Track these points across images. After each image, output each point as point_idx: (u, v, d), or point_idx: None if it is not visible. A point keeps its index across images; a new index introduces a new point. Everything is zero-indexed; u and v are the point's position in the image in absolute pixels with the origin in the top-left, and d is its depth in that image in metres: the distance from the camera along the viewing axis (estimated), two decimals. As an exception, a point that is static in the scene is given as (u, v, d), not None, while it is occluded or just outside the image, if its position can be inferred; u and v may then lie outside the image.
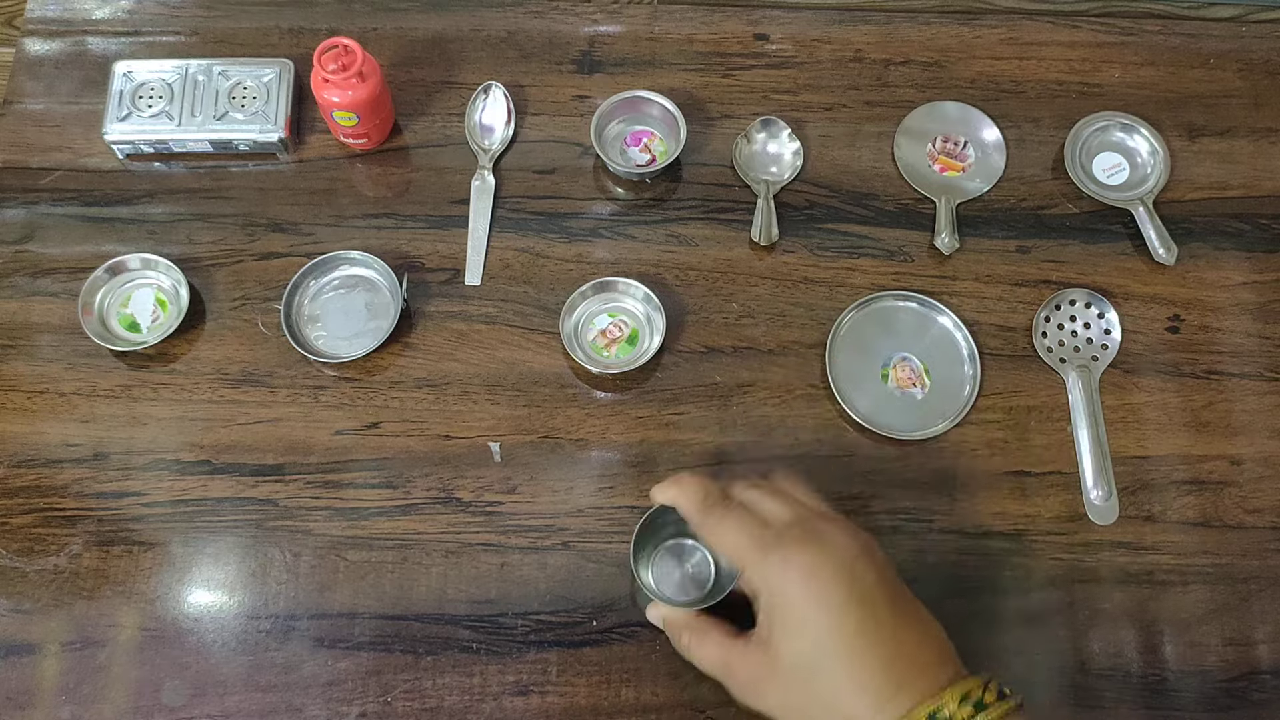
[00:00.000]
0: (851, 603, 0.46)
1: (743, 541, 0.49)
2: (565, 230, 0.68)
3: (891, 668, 0.45)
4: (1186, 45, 0.75)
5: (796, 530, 0.49)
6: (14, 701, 0.56)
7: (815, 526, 0.49)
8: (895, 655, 0.46)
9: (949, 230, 0.67)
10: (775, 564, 0.48)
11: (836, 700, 0.46)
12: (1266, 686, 0.58)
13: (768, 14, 0.75)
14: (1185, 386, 0.65)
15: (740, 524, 0.50)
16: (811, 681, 0.46)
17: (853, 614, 0.46)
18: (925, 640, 0.47)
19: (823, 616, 0.46)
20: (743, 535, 0.49)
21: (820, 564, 0.47)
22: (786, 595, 0.47)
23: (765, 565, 0.48)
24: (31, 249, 0.67)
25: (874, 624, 0.46)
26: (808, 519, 0.50)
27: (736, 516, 0.50)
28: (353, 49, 0.64)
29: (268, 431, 0.62)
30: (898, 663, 0.46)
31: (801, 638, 0.47)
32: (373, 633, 0.58)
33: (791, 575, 0.47)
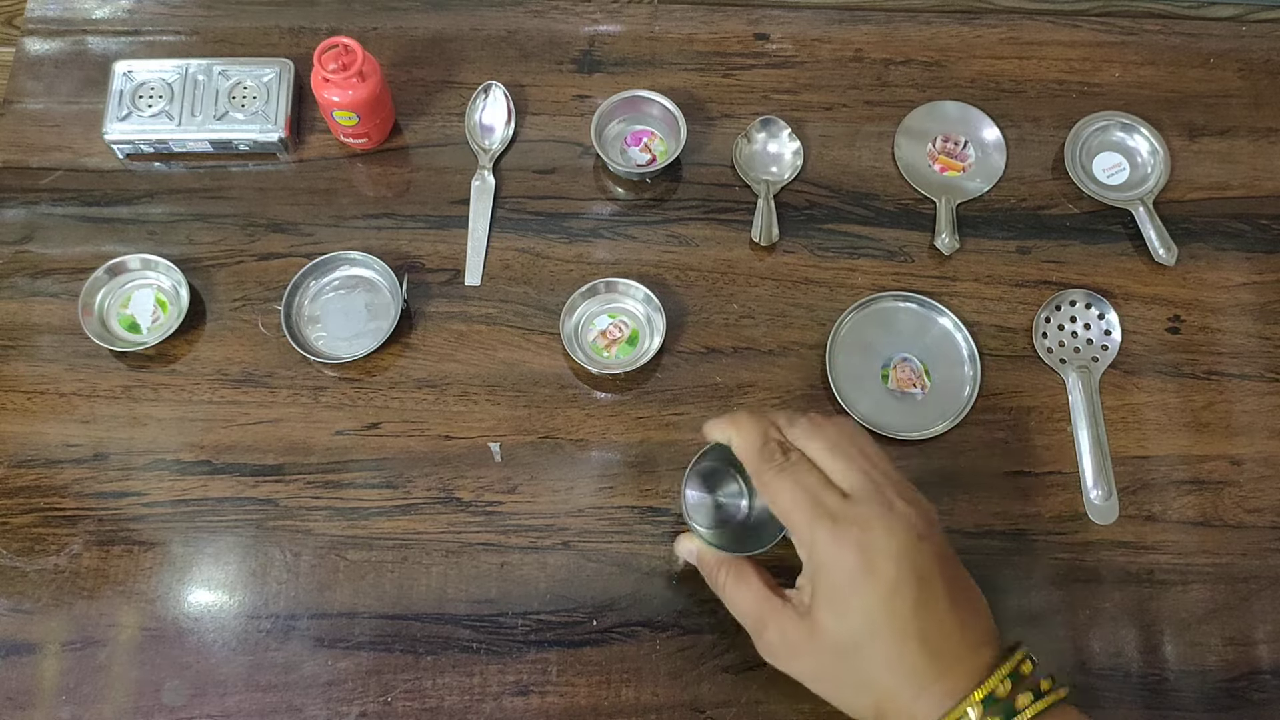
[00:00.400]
0: (906, 585, 0.44)
1: (801, 505, 0.46)
2: (565, 230, 0.68)
3: (938, 652, 0.44)
4: (1187, 45, 0.75)
5: (861, 502, 0.46)
6: (14, 701, 0.56)
7: (882, 498, 0.46)
8: (942, 640, 0.44)
9: (949, 230, 0.67)
10: (831, 538, 0.45)
11: (876, 680, 0.45)
12: (1266, 686, 0.58)
13: (768, 13, 0.75)
14: (1185, 387, 0.65)
15: (800, 484, 0.47)
16: (851, 659, 0.45)
17: (906, 597, 0.44)
18: (973, 623, 0.46)
19: (873, 598, 0.44)
20: (801, 499, 0.46)
21: (880, 546, 0.45)
22: (838, 572, 0.45)
23: (820, 536, 0.45)
24: (31, 249, 0.67)
25: (926, 608, 0.44)
26: (874, 490, 0.47)
27: (796, 474, 0.47)
28: (353, 48, 0.64)
29: (268, 432, 0.62)
30: (944, 647, 0.44)
31: (848, 616, 0.45)
32: (373, 632, 0.58)
33: (847, 554, 0.45)
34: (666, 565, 0.59)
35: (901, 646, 0.44)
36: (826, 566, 0.45)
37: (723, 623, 0.58)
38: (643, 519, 0.60)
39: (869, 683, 0.45)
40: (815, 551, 0.46)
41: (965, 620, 0.45)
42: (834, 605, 0.45)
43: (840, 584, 0.45)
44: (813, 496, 0.46)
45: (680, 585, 0.59)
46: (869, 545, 0.45)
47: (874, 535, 0.45)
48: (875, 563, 0.45)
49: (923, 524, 0.46)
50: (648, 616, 0.58)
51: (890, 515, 0.46)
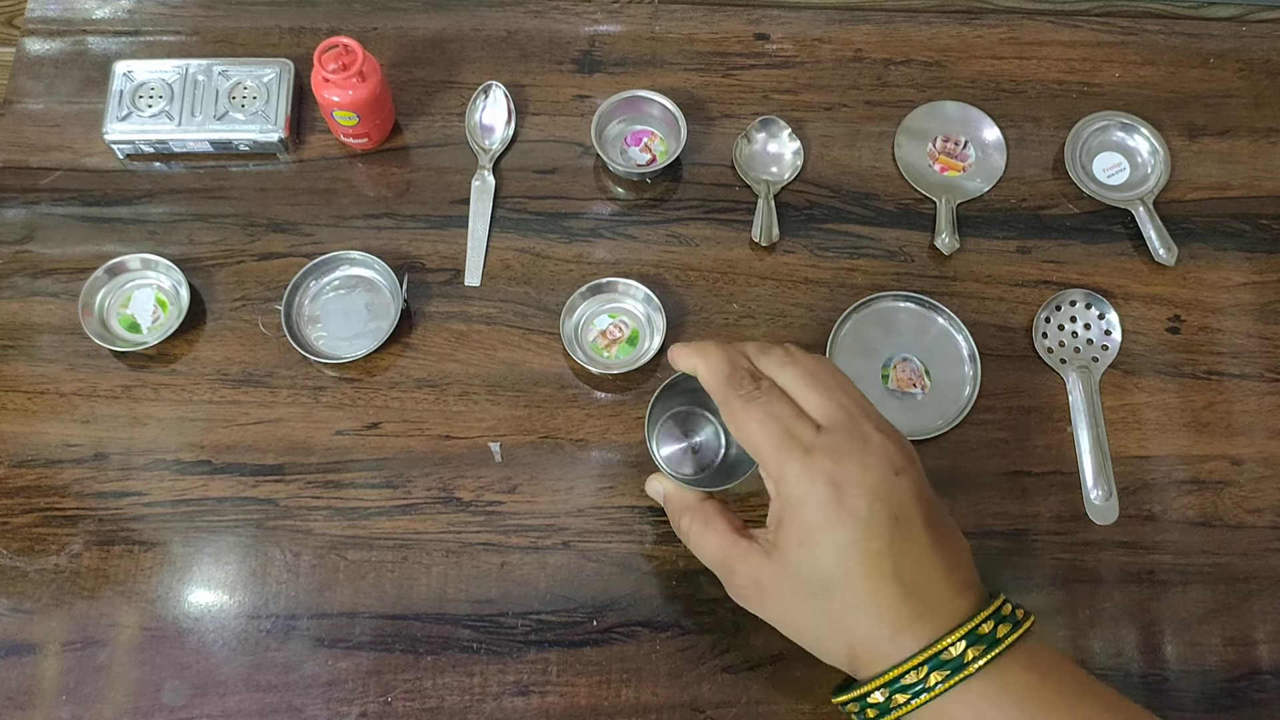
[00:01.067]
0: (881, 520, 0.42)
1: (771, 436, 0.43)
2: (565, 230, 0.68)
3: (916, 594, 0.42)
4: (1187, 45, 0.75)
5: (835, 434, 0.43)
6: (14, 701, 0.56)
7: (857, 430, 0.43)
8: (921, 581, 0.42)
9: (949, 230, 0.67)
10: (802, 471, 0.42)
11: (848, 621, 0.43)
12: (1266, 686, 0.58)
13: (768, 13, 0.75)
14: (1185, 387, 0.65)
15: (770, 415, 0.44)
16: (822, 600, 0.43)
17: (881, 533, 0.42)
18: (953, 566, 0.43)
19: (845, 535, 0.42)
20: (772, 429, 0.43)
21: (854, 479, 0.42)
22: (808, 507, 0.42)
23: (790, 469, 0.43)
24: (31, 249, 0.67)
25: (903, 546, 0.42)
26: (848, 421, 0.44)
27: (766, 404, 0.44)
28: (353, 48, 0.64)
29: (268, 431, 0.62)
30: (924, 589, 0.42)
31: (818, 553, 0.42)
32: (373, 632, 0.58)
33: (819, 487, 0.42)
34: (667, 565, 0.59)
35: (876, 585, 0.42)
36: (796, 501, 0.43)
37: (722, 623, 0.58)
38: (643, 519, 0.60)
39: (842, 625, 0.43)
40: (784, 485, 0.43)
41: (947, 563, 0.43)
42: (804, 542, 0.43)
43: (810, 519, 0.42)
44: (783, 426, 0.43)
45: (680, 585, 0.59)
46: (842, 478, 0.42)
47: (847, 467, 0.42)
48: (848, 497, 0.42)
49: (901, 458, 0.44)
50: (648, 616, 0.58)
51: (865, 448, 0.43)
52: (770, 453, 0.43)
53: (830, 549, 0.42)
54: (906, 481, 0.43)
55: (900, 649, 0.42)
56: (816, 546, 0.43)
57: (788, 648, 0.54)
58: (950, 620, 0.42)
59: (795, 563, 0.43)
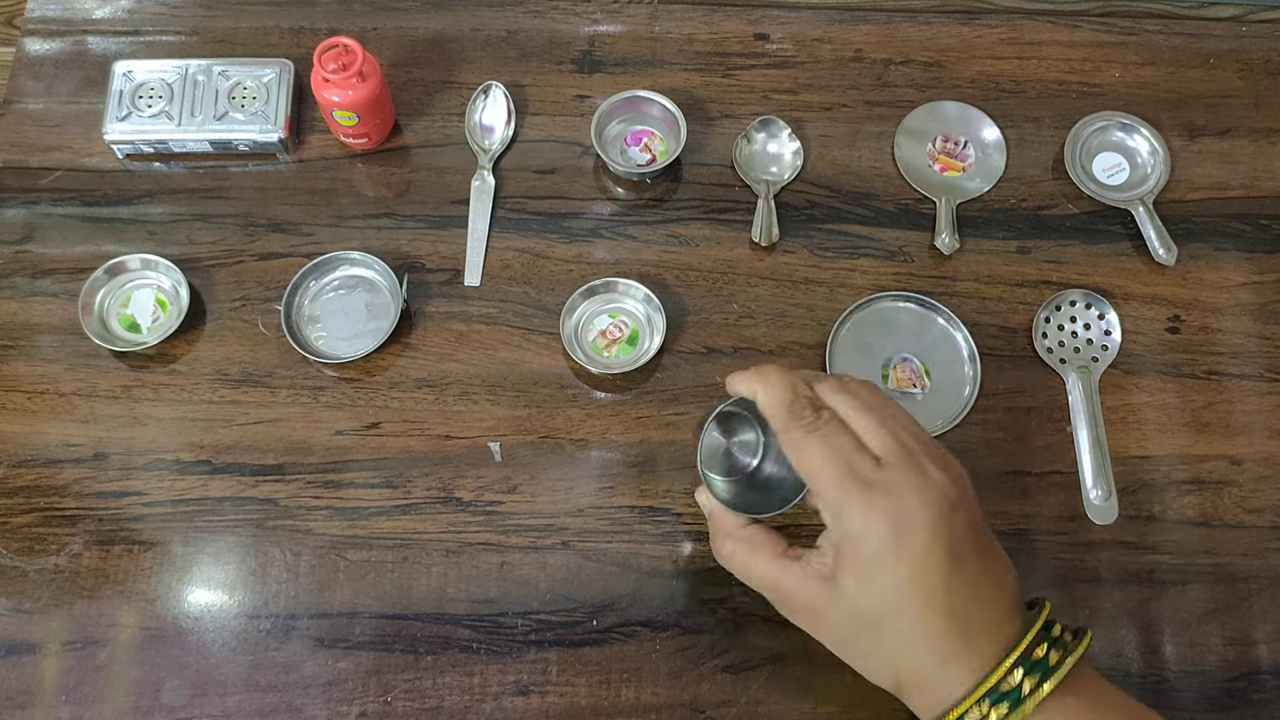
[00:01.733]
0: (937, 558, 0.42)
1: (831, 468, 0.44)
2: (565, 230, 0.68)
3: (966, 626, 0.42)
4: (1187, 45, 0.75)
5: (894, 470, 0.44)
6: (14, 701, 0.56)
7: (916, 464, 0.44)
8: (971, 613, 0.43)
9: (949, 230, 0.67)
10: (863, 505, 0.43)
11: (899, 653, 0.43)
12: (1266, 686, 0.58)
13: (768, 14, 0.75)
14: (1185, 387, 0.65)
15: (831, 446, 0.44)
16: (875, 630, 0.44)
17: (937, 571, 0.42)
18: (1001, 594, 0.44)
19: (902, 571, 0.42)
20: (833, 460, 0.44)
21: (912, 516, 0.43)
22: (867, 541, 0.43)
23: (851, 504, 0.43)
24: (31, 249, 0.67)
25: (956, 581, 0.43)
26: (907, 455, 0.44)
27: (827, 435, 0.45)
28: (353, 48, 0.64)
29: (268, 431, 0.62)
30: (972, 620, 0.43)
31: (874, 587, 0.43)
32: (373, 632, 0.58)
33: (878, 522, 0.43)
34: (666, 565, 0.59)
35: (929, 622, 0.42)
36: (855, 535, 0.43)
37: (723, 623, 0.58)
38: (643, 519, 0.60)
39: (892, 655, 0.44)
40: (844, 518, 0.44)
41: (994, 592, 0.44)
42: (860, 575, 0.43)
43: (868, 553, 0.43)
44: (845, 459, 0.44)
45: (680, 585, 0.59)
46: (901, 515, 0.43)
47: (907, 504, 0.43)
48: (906, 534, 0.43)
49: (956, 492, 0.44)
50: (648, 616, 0.58)
51: (924, 483, 0.43)
52: (830, 485, 0.44)
53: (888, 585, 0.43)
54: (961, 516, 0.44)
55: (948, 680, 0.43)
56: (874, 581, 0.43)
57: (788, 648, 0.54)
58: (1001, 646, 0.43)
59: (851, 595, 0.44)
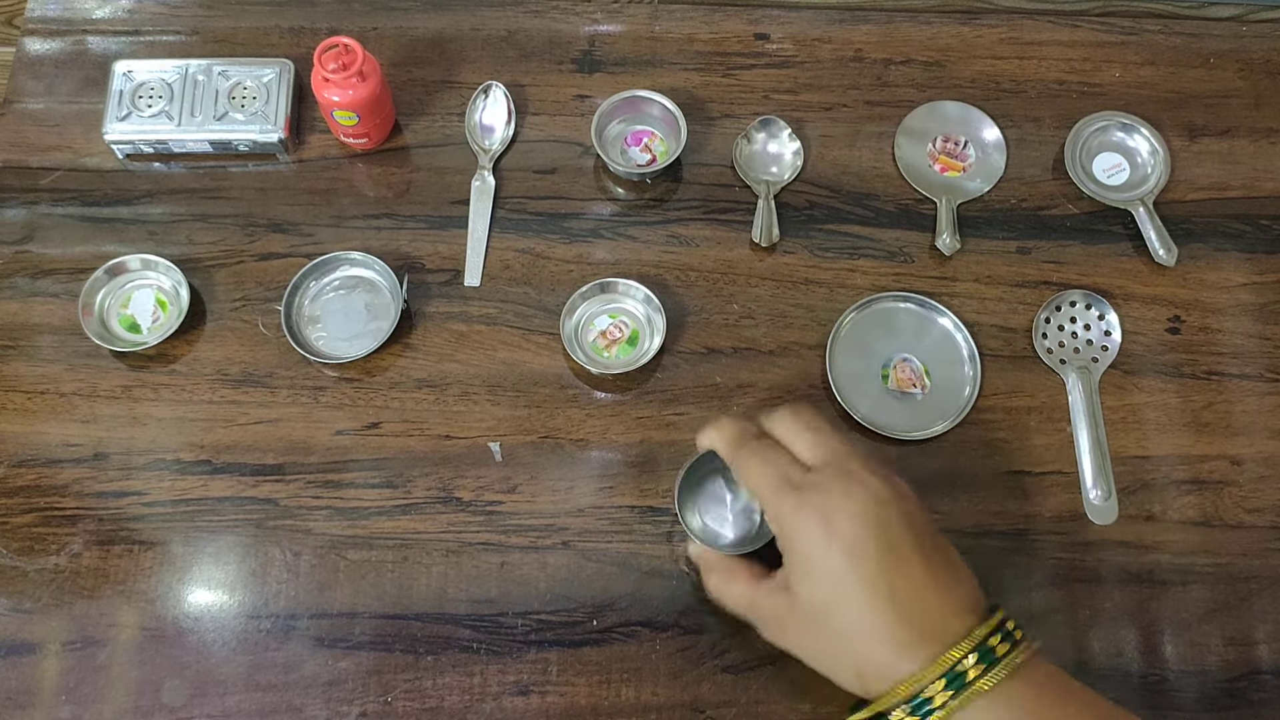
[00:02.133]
0: (867, 543, 0.45)
1: (766, 479, 0.48)
2: (565, 231, 0.68)
3: (913, 615, 0.44)
4: (1187, 45, 0.75)
5: (823, 472, 0.48)
6: (14, 701, 0.56)
7: (844, 468, 0.47)
8: (915, 604, 0.45)
9: (950, 230, 0.67)
10: (794, 506, 0.47)
11: (852, 644, 0.45)
12: (1266, 686, 0.58)
13: (768, 13, 0.75)
14: (1185, 387, 0.65)
15: (765, 461, 0.49)
16: (825, 624, 0.46)
17: (870, 560, 0.45)
18: (949, 587, 0.46)
19: (834, 562, 0.45)
20: (767, 473, 0.48)
21: (838, 509, 0.46)
22: (803, 539, 0.46)
23: (784, 506, 0.47)
24: (31, 249, 0.67)
25: (895, 568, 0.45)
26: (835, 460, 0.48)
27: (764, 453, 0.49)
28: (353, 48, 0.64)
29: (268, 431, 0.62)
30: (920, 611, 0.45)
31: (816, 580, 0.46)
32: (373, 632, 0.58)
33: (807, 519, 0.46)
34: (666, 565, 0.59)
35: (871, 607, 0.44)
36: (792, 535, 0.47)
37: (723, 623, 0.58)
38: (643, 519, 0.60)
39: (846, 649, 0.46)
40: (782, 523, 0.47)
41: (942, 585, 0.46)
42: (803, 573, 0.47)
43: (805, 550, 0.46)
44: (778, 470, 0.48)
45: (680, 585, 0.59)
46: (828, 508, 0.46)
47: (832, 498, 0.46)
48: (835, 525, 0.45)
49: (888, 491, 0.47)
50: (648, 616, 0.58)
51: (850, 482, 0.47)
52: (768, 494, 0.48)
53: (825, 576, 0.46)
54: (891, 510, 0.46)
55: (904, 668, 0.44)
56: (816, 574, 0.46)
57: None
58: (955, 637, 0.44)
59: (802, 594, 0.47)
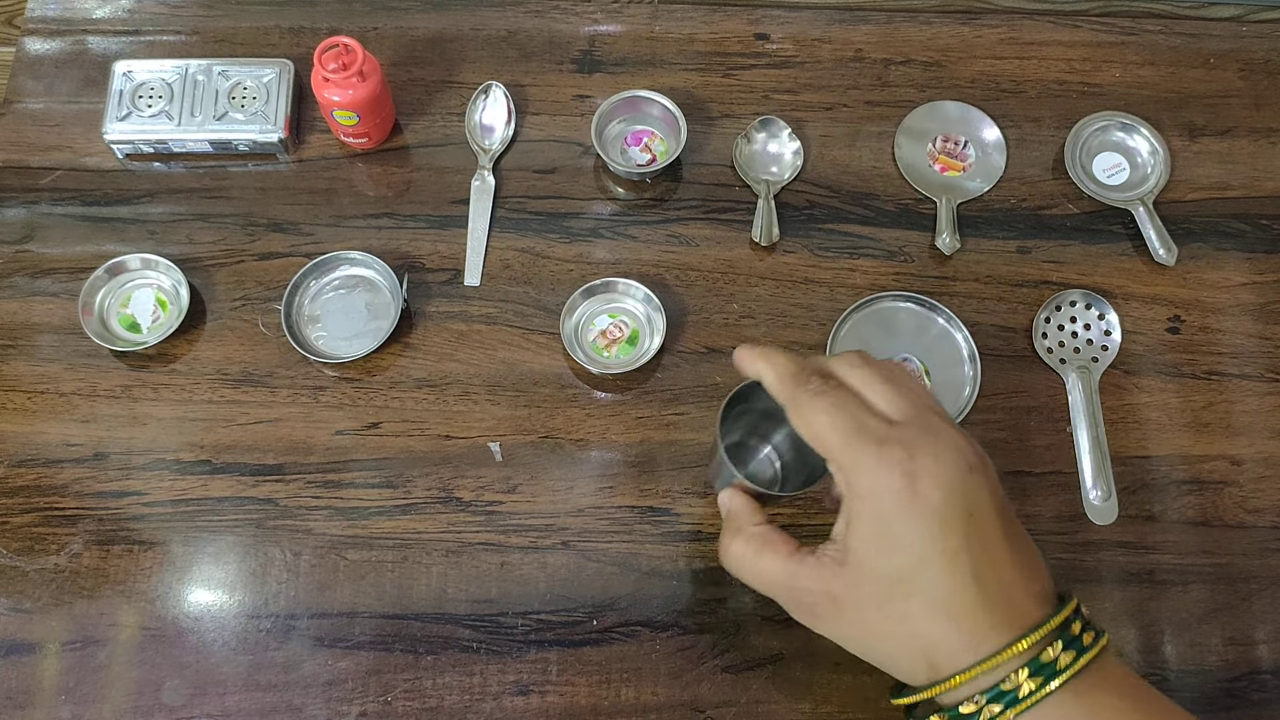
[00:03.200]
0: (955, 515, 0.40)
1: (840, 426, 0.41)
2: (565, 230, 0.68)
3: (993, 600, 0.40)
4: (1187, 45, 0.75)
5: (908, 426, 0.41)
6: (14, 701, 0.56)
7: (931, 424, 0.41)
8: (998, 587, 0.40)
9: (950, 230, 0.67)
10: (875, 460, 0.40)
11: (927, 626, 0.40)
12: (1266, 686, 0.58)
13: (768, 13, 0.75)
14: (1185, 387, 0.65)
15: (839, 405, 0.42)
16: (898, 603, 0.40)
17: (956, 529, 0.40)
18: (1030, 575, 0.41)
19: (923, 529, 0.39)
20: (841, 418, 0.41)
21: (929, 469, 0.40)
22: (882, 500, 0.40)
23: (863, 459, 0.40)
24: (31, 249, 0.67)
25: (979, 544, 0.40)
26: (920, 415, 0.42)
27: (836, 396, 0.42)
28: (353, 48, 0.64)
29: (268, 431, 0.62)
30: (1000, 596, 0.40)
31: (893, 548, 0.40)
32: (373, 632, 0.58)
33: (893, 477, 0.40)
34: (666, 565, 0.59)
35: (954, 585, 0.39)
36: (869, 493, 0.41)
37: (722, 622, 0.58)
38: (643, 519, 0.60)
39: (919, 631, 0.40)
40: (856, 476, 0.41)
41: (1024, 572, 0.41)
42: (878, 538, 0.41)
43: (885, 512, 0.40)
44: (853, 417, 0.41)
45: (680, 585, 0.59)
46: (916, 469, 0.40)
47: (921, 459, 0.40)
48: (923, 488, 0.40)
49: (973, 456, 0.42)
50: (648, 616, 0.58)
51: (940, 441, 0.41)
52: (841, 445, 0.41)
53: (907, 543, 0.40)
54: (980, 479, 0.41)
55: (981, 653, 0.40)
56: (893, 540, 0.40)
57: (788, 648, 0.54)
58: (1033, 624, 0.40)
59: (871, 563, 0.41)
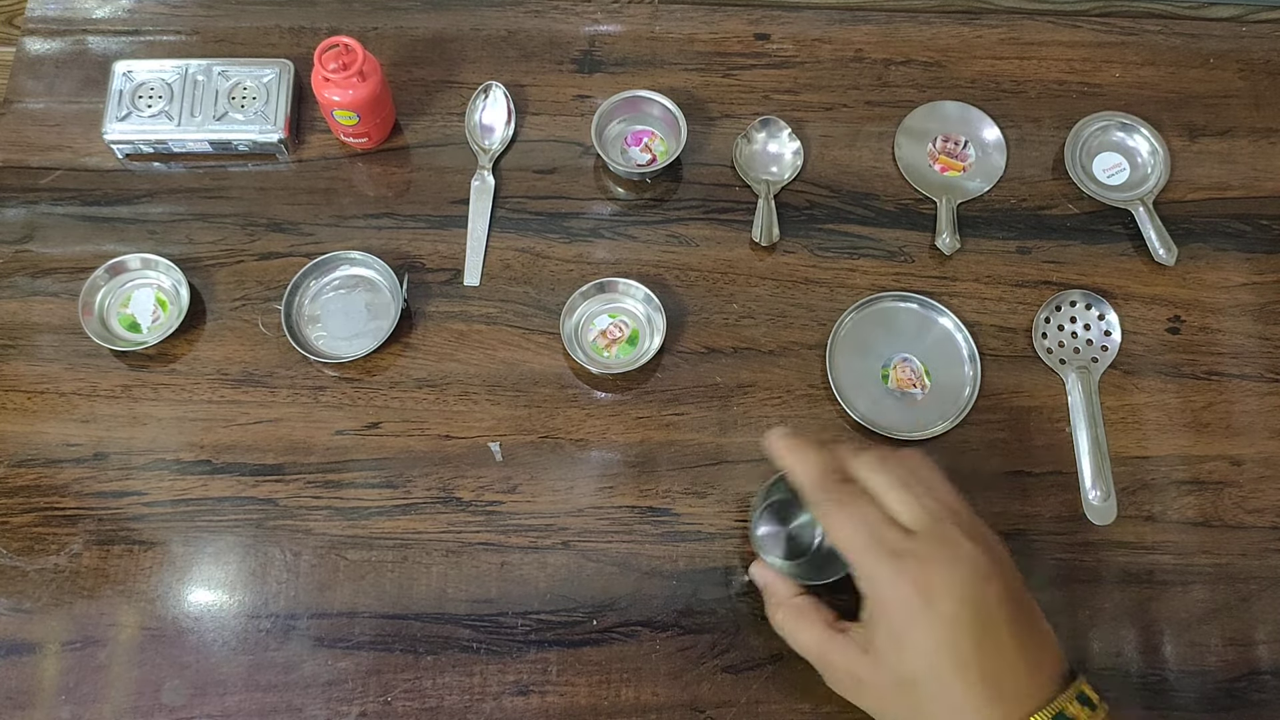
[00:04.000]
0: (966, 623, 0.44)
1: (860, 540, 0.46)
2: (565, 230, 0.68)
3: (1001, 690, 0.44)
4: (1187, 45, 0.75)
5: (924, 539, 0.45)
6: (14, 701, 0.56)
7: (945, 535, 0.45)
8: (1006, 677, 0.44)
9: (950, 230, 0.67)
10: (891, 574, 0.45)
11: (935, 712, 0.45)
12: (1266, 686, 0.58)
13: (768, 13, 0.75)
14: (1185, 387, 0.65)
15: (860, 518, 0.46)
16: (910, 695, 0.45)
17: (967, 635, 0.44)
18: (1037, 662, 0.45)
19: (932, 636, 0.44)
20: (861, 532, 0.46)
21: (940, 582, 0.44)
22: (897, 609, 0.45)
23: (879, 571, 0.45)
24: (31, 249, 0.67)
25: (989, 646, 0.44)
26: (937, 526, 0.46)
27: (856, 508, 0.46)
28: (353, 48, 0.64)
29: (268, 431, 0.62)
30: (1008, 685, 0.44)
31: (906, 652, 0.45)
32: (373, 632, 0.58)
33: (906, 590, 0.44)
34: (666, 565, 0.59)
35: (962, 684, 0.44)
36: (885, 602, 0.45)
37: (722, 623, 0.58)
38: (643, 519, 0.60)
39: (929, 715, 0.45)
40: (875, 587, 0.46)
41: (1031, 661, 0.45)
42: (893, 642, 0.45)
43: (899, 621, 0.45)
44: (872, 531, 0.46)
45: (680, 585, 0.59)
46: (929, 582, 0.44)
47: (934, 571, 0.44)
48: (935, 599, 0.44)
49: (988, 562, 0.45)
50: (648, 616, 0.58)
51: (953, 553, 0.45)
52: (860, 556, 0.46)
53: (918, 649, 0.44)
54: (993, 586, 0.45)
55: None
56: (906, 648, 0.45)
57: (787, 648, 0.54)
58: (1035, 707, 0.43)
59: (888, 661, 0.45)
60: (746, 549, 0.59)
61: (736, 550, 0.60)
